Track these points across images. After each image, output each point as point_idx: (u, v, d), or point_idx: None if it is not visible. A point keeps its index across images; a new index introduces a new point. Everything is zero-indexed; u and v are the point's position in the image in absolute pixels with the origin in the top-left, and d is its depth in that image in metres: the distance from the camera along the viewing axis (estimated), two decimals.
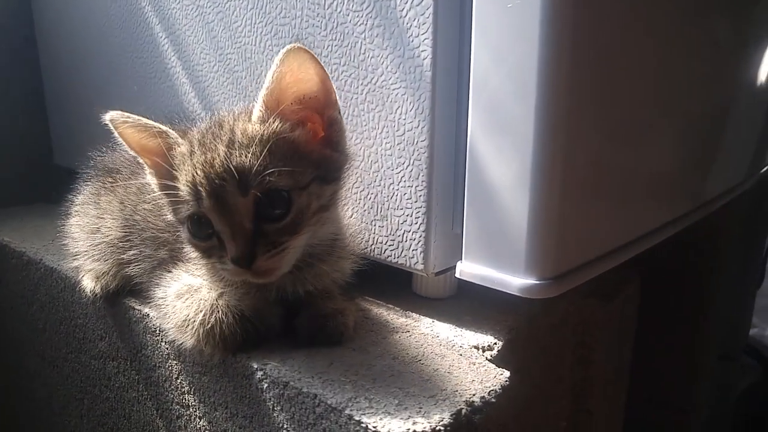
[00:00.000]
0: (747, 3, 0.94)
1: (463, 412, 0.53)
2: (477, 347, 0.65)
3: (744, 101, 1.01)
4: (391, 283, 0.78)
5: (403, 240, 0.69)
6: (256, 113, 0.59)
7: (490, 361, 0.63)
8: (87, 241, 0.79)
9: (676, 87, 0.79)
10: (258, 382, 0.60)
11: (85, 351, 0.87)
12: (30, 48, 1.21)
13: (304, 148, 0.59)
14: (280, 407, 0.58)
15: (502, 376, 0.59)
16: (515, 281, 0.62)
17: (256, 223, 0.56)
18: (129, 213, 0.74)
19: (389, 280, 0.77)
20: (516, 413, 0.61)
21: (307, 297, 0.66)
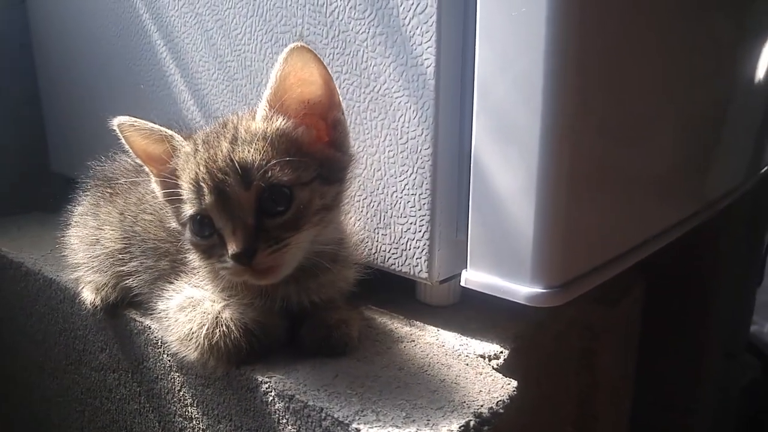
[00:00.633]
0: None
1: (471, 423, 0.53)
2: (483, 356, 0.65)
3: (743, 99, 1.01)
4: (395, 291, 0.77)
5: (407, 248, 0.69)
6: (260, 113, 0.59)
7: (496, 370, 0.63)
8: (86, 252, 0.78)
9: (678, 88, 0.79)
10: (263, 395, 0.60)
11: (86, 362, 0.86)
12: (26, 56, 1.20)
13: (307, 147, 0.59)
14: (285, 420, 0.58)
15: (510, 386, 0.59)
16: (522, 290, 0.61)
17: (257, 218, 0.56)
18: (129, 224, 0.74)
19: (392, 287, 0.76)
20: (524, 422, 0.61)
21: (312, 307, 0.65)
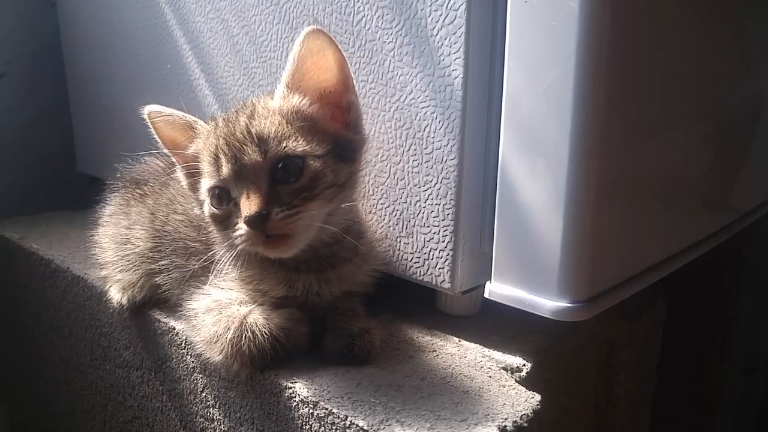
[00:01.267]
0: None
1: None
2: (506, 368, 0.64)
3: None
4: (415, 300, 0.77)
5: (430, 258, 0.69)
6: (278, 93, 0.63)
7: (518, 382, 0.63)
8: (116, 251, 0.80)
9: (709, 97, 0.78)
10: (287, 400, 0.60)
11: (110, 359, 0.88)
12: (56, 58, 1.22)
13: (322, 123, 0.62)
14: (309, 426, 0.58)
15: (534, 399, 0.58)
16: (547, 304, 0.61)
17: (271, 185, 0.59)
18: (160, 224, 0.75)
19: (412, 296, 0.77)
20: None
21: (333, 315, 0.66)
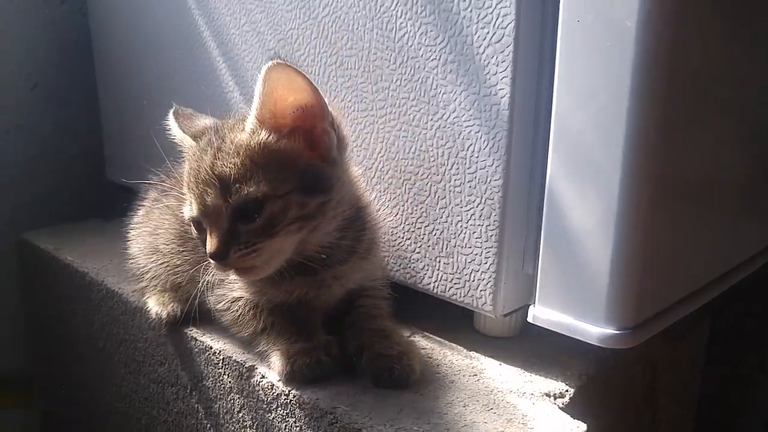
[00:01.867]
0: None
1: None
2: (548, 395, 0.63)
3: None
4: (450, 318, 0.76)
5: (471, 279, 0.67)
6: (249, 125, 0.62)
7: (562, 409, 0.61)
8: (149, 261, 0.80)
9: (763, 114, 0.75)
10: (328, 425, 0.60)
11: (144, 374, 0.88)
12: (87, 67, 1.23)
13: (289, 159, 0.61)
14: None
15: (579, 429, 0.57)
16: (594, 330, 0.59)
17: (232, 223, 0.60)
18: (174, 221, 0.77)
19: (448, 314, 0.75)
20: None
21: (368, 336, 0.65)
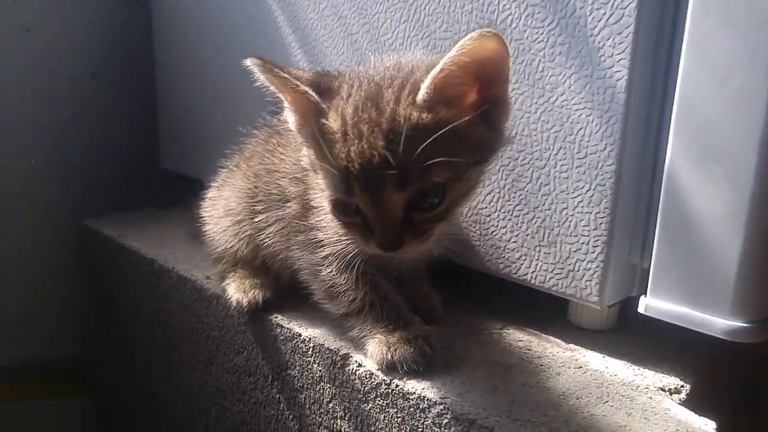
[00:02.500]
0: None
1: None
2: (663, 389, 0.60)
3: None
4: (543, 309, 0.74)
5: (575, 269, 0.65)
6: (422, 95, 0.54)
7: (681, 405, 0.59)
8: (221, 231, 0.79)
9: None
10: (436, 416, 0.58)
11: (217, 363, 0.87)
12: (147, 55, 1.23)
13: (467, 136, 0.55)
14: None
15: (707, 427, 0.54)
16: (719, 323, 0.57)
17: (406, 212, 0.55)
18: (252, 181, 0.75)
19: (540, 305, 0.73)
20: None
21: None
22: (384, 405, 0.63)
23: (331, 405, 0.70)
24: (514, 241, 0.70)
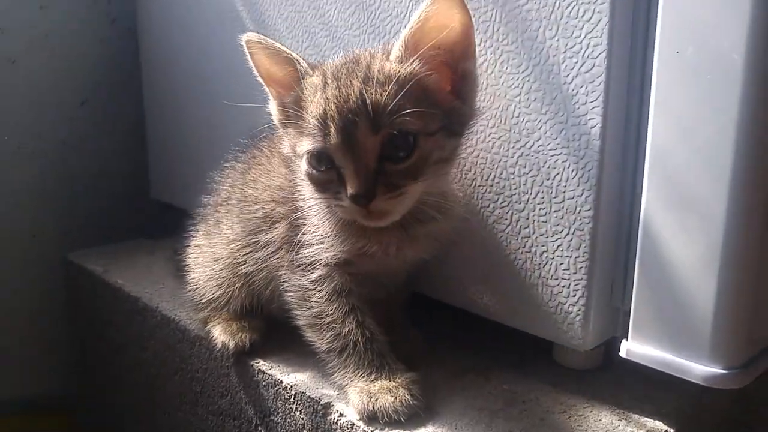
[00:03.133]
0: None
1: None
2: None
3: None
4: (527, 349, 0.73)
5: (557, 312, 0.65)
6: (395, 52, 0.59)
7: None
8: (208, 279, 0.79)
9: None
10: None
11: (202, 405, 0.86)
12: (135, 85, 1.23)
13: (436, 95, 0.59)
14: None
15: None
16: (697, 369, 0.57)
17: (379, 162, 0.57)
18: (236, 220, 0.75)
19: (523, 344, 0.73)
20: None
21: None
22: None
23: None
24: (496, 283, 0.70)
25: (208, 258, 0.79)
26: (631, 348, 0.61)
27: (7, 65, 1.13)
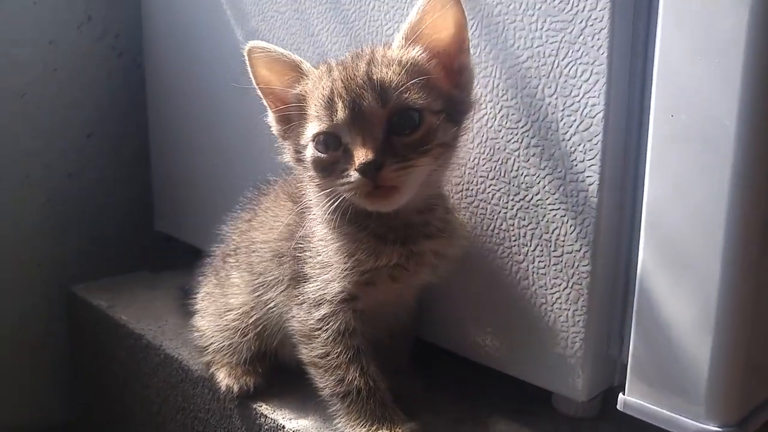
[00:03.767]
0: None
1: None
2: None
3: None
4: (527, 395, 0.74)
5: (555, 364, 0.66)
6: (396, 43, 0.62)
7: None
8: (217, 329, 0.79)
9: None
10: None
11: None
12: (140, 117, 1.25)
13: (436, 80, 0.61)
14: None
15: None
16: (692, 426, 0.57)
17: (386, 135, 0.58)
18: (245, 257, 0.76)
19: (523, 391, 0.74)
20: None
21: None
22: None
23: None
24: (493, 331, 0.71)
25: (221, 308, 0.79)
26: (628, 401, 0.62)
27: (17, 99, 1.15)
